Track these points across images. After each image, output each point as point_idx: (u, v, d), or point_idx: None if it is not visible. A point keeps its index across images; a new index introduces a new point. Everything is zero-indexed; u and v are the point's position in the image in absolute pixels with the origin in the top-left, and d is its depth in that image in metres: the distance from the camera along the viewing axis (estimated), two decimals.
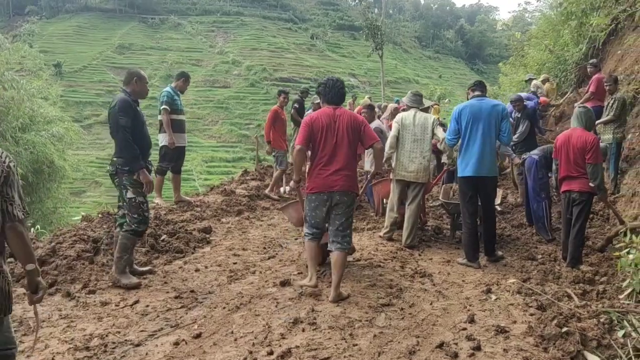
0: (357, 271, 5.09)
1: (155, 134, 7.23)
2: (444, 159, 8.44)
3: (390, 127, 8.99)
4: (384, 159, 6.21)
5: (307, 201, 4.53)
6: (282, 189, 9.92)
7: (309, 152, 4.58)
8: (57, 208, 25.45)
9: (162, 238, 5.97)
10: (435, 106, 14.38)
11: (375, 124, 7.86)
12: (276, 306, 4.21)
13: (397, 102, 12.50)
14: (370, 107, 8.33)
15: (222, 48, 68.72)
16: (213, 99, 56.11)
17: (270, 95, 52.55)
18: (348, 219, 4.46)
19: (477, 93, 5.67)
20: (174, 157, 7.55)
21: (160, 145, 7.47)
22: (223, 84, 60.23)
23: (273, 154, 9.39)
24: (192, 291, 4.57)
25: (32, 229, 8.03)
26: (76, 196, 36.66)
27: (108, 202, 18.27)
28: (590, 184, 5.30)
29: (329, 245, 4.48)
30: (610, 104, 8.07)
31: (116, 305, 4.21)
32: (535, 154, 6.81)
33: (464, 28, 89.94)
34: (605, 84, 8.43)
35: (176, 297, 4.41)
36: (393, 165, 6.33)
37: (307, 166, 6.17)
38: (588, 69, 9.83)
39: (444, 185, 7.11)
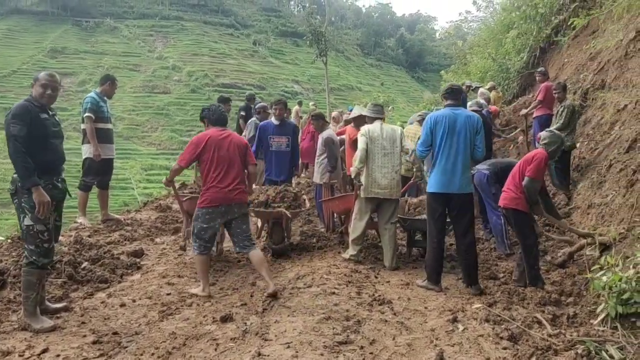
0: (309, 301, 4.50)
1: (78, 145, 6.44)
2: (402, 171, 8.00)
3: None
4: (354, 175, 5.82)
5: (201, 215, 4.82)
6: None
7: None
8: None
9: (82, 266, 5.18)
10: None
11: (327, 133, 7.38)
12: (215, 349, 3.58)
13: (351, 110, 11.96)
14: (318, 117, 7.79)
15: (161, 53, 66.71)
16: (152, 105, 54.24)
17: (212, 101, 51.21)
18: (248, 225, 5.05)
19: (449, 102, 5.17)
20: (100, 171, 6.75)
21: (84, 157, 6.64)
22: (163, 90, 58.35)
23: None
24: (114, 333, 3.87)
25: None
26: (4, 208, 34.32)
27: None
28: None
29: (237, 249, 5.10)
30: (559, 112, 7.94)
31: (20, 356, 3.45)
32: (484, 168, 6.48)
33: (404, 37, 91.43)
34: (554, 92, 8.31)
35: (95, 342, 3.69)
36: (362, 181, 5.80)
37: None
38: (537, 77, 9.73)
39: None
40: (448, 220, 5.24)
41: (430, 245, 5.14)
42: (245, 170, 5.05)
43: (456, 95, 5.18)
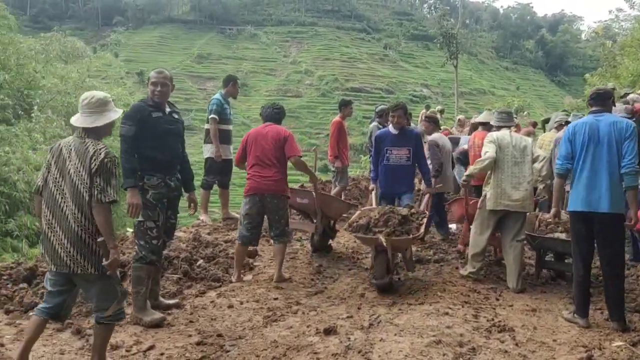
0: (419, 320, 4.16)
1: (194, 145, 6.68)
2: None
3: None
4: (468, 172, 5.45)
5: (243, 204, 5.17)
6: None
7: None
8: None
9: (198, 263, 5.31)
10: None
11: (432, 136, 7.09)
12: None
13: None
14: (430, 119, 7.56)
15: (295, 58, 69.44)
16: (285, 108, 56.64)
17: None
18: (282, 217, 5.16)
19: (594, 108, 4.47)
20: (220, 171, 6.93)
21: (205, 157, 6.87)
22: (295, 94, 60.71)
23: (333, 168, 8.59)
24: (219, 335, 3.86)
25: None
26: None
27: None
28: None
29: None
30: None
31: (127, 351, 3.55)
32: None
33: (545, 38, 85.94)
34: None
35: (198, 344, 3.69)
36: (487, 194, 5.33)
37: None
38: None
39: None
40: None
41: (576, 273, 4.43)
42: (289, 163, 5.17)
43: (603, 101, 4.44)
